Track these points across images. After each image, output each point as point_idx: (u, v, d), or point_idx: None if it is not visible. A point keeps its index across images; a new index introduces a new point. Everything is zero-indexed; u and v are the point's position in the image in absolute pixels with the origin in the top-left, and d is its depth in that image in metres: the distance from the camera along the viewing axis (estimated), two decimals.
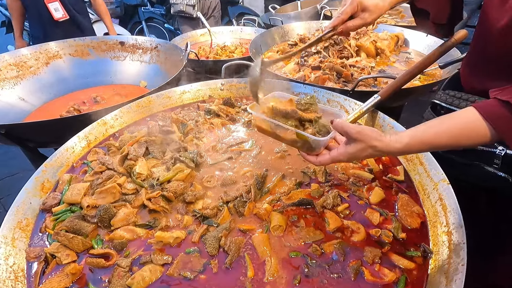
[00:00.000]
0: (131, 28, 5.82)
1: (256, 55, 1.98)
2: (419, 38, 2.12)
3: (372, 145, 0.70)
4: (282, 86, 1.39)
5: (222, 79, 1.52)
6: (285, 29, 2.34)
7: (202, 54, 2.48)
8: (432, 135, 0.67)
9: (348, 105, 1.32)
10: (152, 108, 1.40)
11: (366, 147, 0.70)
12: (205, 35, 2.88)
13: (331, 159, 0.76)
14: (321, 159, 0.78)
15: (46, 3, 2.32)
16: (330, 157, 0.76)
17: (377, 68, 1.85)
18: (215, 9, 3.66)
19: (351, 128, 0.71)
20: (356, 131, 0.70)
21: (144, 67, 2.17)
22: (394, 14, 2.95)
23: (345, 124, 0.73)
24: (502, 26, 0.75)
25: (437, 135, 0.66)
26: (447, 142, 0.66)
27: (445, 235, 0.76)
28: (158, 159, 1.07)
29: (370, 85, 1.64)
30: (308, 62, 1.75)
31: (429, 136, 0.67)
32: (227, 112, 1.35)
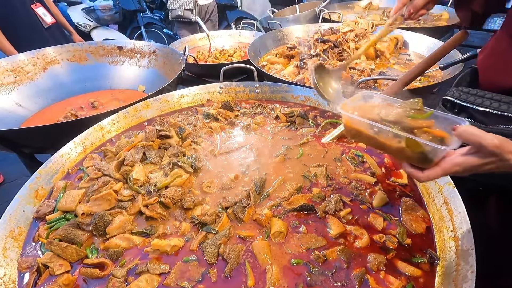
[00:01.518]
0: (130, 33, 5.84)
1: (254, 58, 1.97)
2: (419, 40, 2.11)
3: (507, 158, 0.59)
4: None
5: (220, 83, 1.50)
6: (284, 32, 2.33)
7: (200, 58, 2.47)
8: None
9: None
10: (150, 113, 1.38)
11: (497, 160, 0.59)
12: (204, 39, 2.87)
13: (443, 172, 0.63)
14: (429, 173, 0.64)
15: (34, 9, 2.34)
16: (442, 169, 0.63)
17: (377, 70, 1.84)
18: (212, 13, 3.67)
19: (489, 140, 0.58)
20: (495, 145, 0.58)
21: (142, 71, 2.16)
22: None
23: (480, 133, 0.59)
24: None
25: None
26: None
27: (452, 240, 0.73)
28: (156, 165, 1.05)
29: (370, 87, 1.62)
30: (308, 64, 1.73)
31: None
32: (226, 116, 1.33)
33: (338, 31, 2.12)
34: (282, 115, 1.33)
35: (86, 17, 4.85)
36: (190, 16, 3.30)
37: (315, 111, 1.38)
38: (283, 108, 1.39)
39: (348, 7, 3.33)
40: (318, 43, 1.94)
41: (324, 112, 1.37)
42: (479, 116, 0.90)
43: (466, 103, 0.91)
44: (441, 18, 2.74)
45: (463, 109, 0.95)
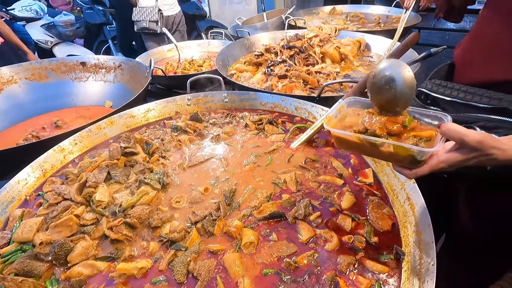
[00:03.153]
0: (97, 47, 5.67)
1: (223, 68, 1.97)
2: (380, 42, 2.21)
3: (488, 153, 0.62)
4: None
5: (188, 94, 1.49)
6: (251, 40, 2.35)
7: (169, 70, 2.44)
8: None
9: (316, 112, 1.33)
10: (115, 129, 1.33)
11: (480, 155, 0.62)
12: (172, 50, 2.85)
13: (430, 168, 0.67)
14: (417, 171, 0.68)
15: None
16: (429, 166, 0.66)
17: (342, 73, 1.90)
18: (179, 23, 3.64)
19: (471, 136, 0.61)
20: (477, 140, 0.60)
21: (108, 86, 2.09)
22: (356, 21, 3.07)
23: (462, 130, 0.62)
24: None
25: None
26: None
27: (415, 234, 0.76)
28: (121, 184, 1.01)
29: (336, 90, 1.67)
30: (275, 71, 1.76)
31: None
32: (194, 128, 1.32)
33: (303, 37, 2.17)
34: (251, 123, 1.34)
35: (47, 34, 4.66)
36: (156, 27, 3.27)
37: (283, 117, 1.39)
38: (252, 116, 1.39)
39: (313, 13, 3.44)
40: (285, 50, 1.98)
41: (293, 117, 1.40)
42: (446, 106, 0.97)
43: (437, 94, 0.97)
44: (399, 21, 2.88)
45: (435, 100, 1.01)
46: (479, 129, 0.97)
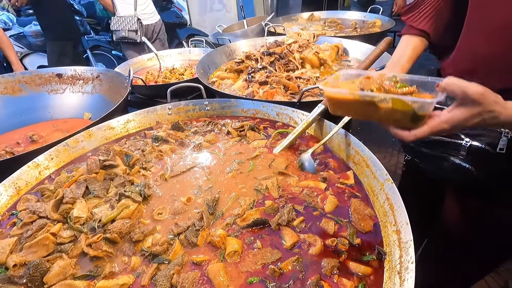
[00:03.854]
0: None
1: (204, 76, 1.97)
2: (357, 46, 2.27)
3: (491, 109, 0.58)
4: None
5: (169, 104, 1.47)
6: (232, 47, 2.37)
7: (150, 79, 2.41)
8: None
9: (296, 117, 1.35)
10: (94, 142, 1.30)
11: (482, 112, 0.59)
12: (153, 59, 2.82)
13: (430, 130, 0.63)
14: (416, 132, 0.64)
15: None
16: (429, 128, 0.63)
17: (322, 78, 1.93)
18: (159, 32, 3.62)
19: (473, 88, 0.58)
20: (479, 92, 0.57)
21: (86, 98, 2.04)
22: (333, 26, 3.15)
23: (463, 83, 0.59)
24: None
25: None
26: None
27: (395, 234, 0.78)
28: (101, 198, 0.98)
29: (316, 94, 1.70)
30: (256, 78, 1.77)
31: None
32: (176, 137, 1.30)
33: (283, 43, 2.21)
34: (233, 130, 1.34)
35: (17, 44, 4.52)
36: (135, 37, 3.23)
37: (265, 123, 1.40)
38: (234, 123, 1.39)
39: (292, 20, 3.50)
40: (265, 56, 2.00)
41: (275, 123, 1.41)
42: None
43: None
44: (375, 25, 2.99)
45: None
46: (464, 136, 1.01)
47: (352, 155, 1.10)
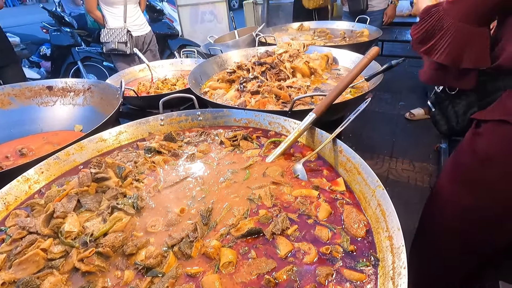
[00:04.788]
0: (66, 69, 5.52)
1: (196, 86, 1.98)
2: (346, 55, 2.33)
3: None
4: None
5: (161, 115, 1.47)
6: (223, 58, 2.40)
7: (142, 90, 2.42)
8: None
9: (288, 125, 1.37)
10: (85, 155, 1.29)
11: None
12: (145, 70, 2.83)
13: None
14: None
15: None
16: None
17: (312, 86, 1.97)
18: (150, 43, 3.64)
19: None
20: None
21: (77, 110, 2.03)
22: (323, 36, 3.22)
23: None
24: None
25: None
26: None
27: (387, 239, 0.79)
28: (93, 211, 0.97)
29: (307, 103, 1.72)
30: (247, 87, 1.80)
31: None
32: (168, 148, 1.30)
33: (274, 53, 2.24)
34: (226, 139, 1.34)
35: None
36: (125, 48, 3.25)
37: (258, 132, 1.42)
38: (227, 133, 1.40)
39: (282, 30, 3.57)
40: (256, 66, 2.03)
41: (267, 132, 1.42)
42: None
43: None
44: (363, 35, 3.07)
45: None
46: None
47: (343, 162, 1.12)
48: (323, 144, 1.16)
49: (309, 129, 1.28)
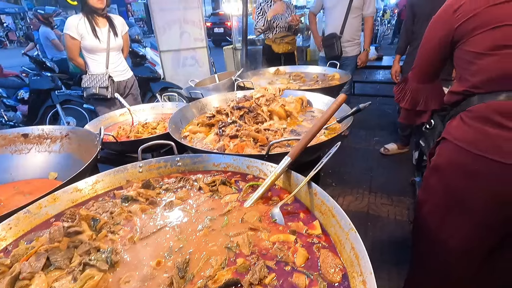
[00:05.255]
0: (44, 113, 5.45)
1: (176, 131, 2.03)
2: (319, 98, 2.49)
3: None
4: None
5: (140, 161, 1.48)
6: (203, 102, 2.49)
7: (122, 134, 2.43)
8: None
9: (266, 169, 1.41)
10: (59, 206, 1.25)
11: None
12: (125, 114, 2.87)
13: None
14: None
15: None
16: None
17: (289, 128, 2.07)
18: (132, 87, 3.73)
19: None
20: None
21: (53, 157, 2.00)
22: (297, 79, 3.45)
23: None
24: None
25: None
26: None
27: (361, 284, 0.80)
28: (63, 269, 0.93)
29: (284, 145, 1.80)
30: (226, 131, 1.86)
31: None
32: (146, 196, 1.30)
33: (251, 98, 2.37)
34: (205, 185, 1.36)
35: None
36: (106, 93, 3.30)
37: (236, 176, 1.45)
38: (206, 178, 1.42)
39: (260, 74, 3.79)
40: (235, 110, 2.13)
41: (245, 176, 1.46)
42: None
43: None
44: (334, 78, 3.32)
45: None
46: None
47: (318, 205, 1.15)
48: (298, 188, 1.20)
49: (285, 172, 1.33)
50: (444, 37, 1.36)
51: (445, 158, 1.41)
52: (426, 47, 1.50)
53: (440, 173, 1.45)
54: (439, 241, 1.53)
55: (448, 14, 1.30)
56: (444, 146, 1.42)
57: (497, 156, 1.19)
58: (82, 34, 3.27)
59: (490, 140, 1.22)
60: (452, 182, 1.39)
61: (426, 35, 1.47)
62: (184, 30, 5.61)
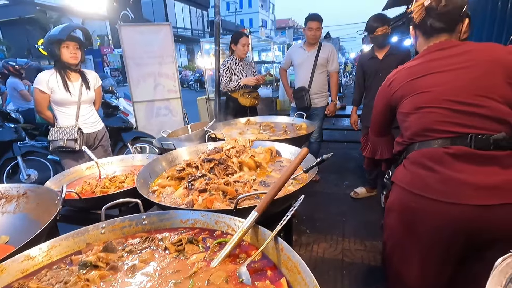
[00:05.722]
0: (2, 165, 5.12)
1: (144, 186, 2.00)
2: (286, 148, 2.61)
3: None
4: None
5: (102, 222, 1.43)
6: (174, 154, 2.51)
7: (87, 189, 2.34)
8: None
9: (234, 224, 1.42)
10: (6, 278, 1.14)
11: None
12: (92, 167, 2.79)
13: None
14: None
15: None
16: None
17: (258, 179, 2.12)
18: (102, 138, 3.68)
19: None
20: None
21: (6, 218, 1.85)
22: (267, 129, 3.62)
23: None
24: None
25: None
26: None
27: None
28: None
29: (254, 197, 1.83)
30: (195, 185, 1.87)
31: None
32: (107, 260, 1.23)
33: (222, 149, 2.44)
34: (171, 245, 1.32)
35: None
36: (74, 145, 3.23)
37: (204, 233, 1.43)
38: (172, 236, 1.39)
39: (232, 124, 3.94)
40: (205, 163, 2.16)
41: (213, 232, 1.44)
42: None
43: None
44: (301, 128, 3.52)
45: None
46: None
47: (285, 261, 1.16)
48: (264, 244, 1.21)
49: (253, 227, 1.34)
50: (385, 104, 1.75)
51: (395, 198, 1.64)
52: (375, 111, 1.87)
53: (392, 213, 1.65)
54: (405, 278, 1.66)
55: (385, 87, 1.71)
56: (394, 189, 1.66)
57: (429, 193, 1.44)
58: (52, 88, 3.26)
59: (422, 181, 1.47)
60: (403, 219, 1.58)
61: (375, 102, 1.83)
62: (158, 82, 5.81)
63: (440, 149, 1.42)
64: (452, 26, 1.50)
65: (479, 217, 1.34)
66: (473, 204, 1.33)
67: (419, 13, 1.51)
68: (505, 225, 1.32)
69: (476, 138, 1.33)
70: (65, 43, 3.22)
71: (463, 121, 1.37)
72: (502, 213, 1.31)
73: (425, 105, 1.48)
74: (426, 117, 1.47)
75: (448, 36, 1.52)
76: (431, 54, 1.52)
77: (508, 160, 1.32)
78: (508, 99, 1.32)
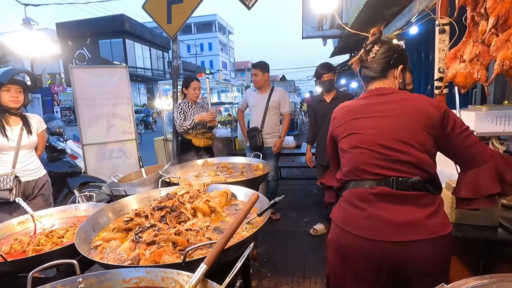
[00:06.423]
0: None
1: (85, 241, 1.83)
2: (242, 191, 2.62)
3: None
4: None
5: None
6: (122, 203, 2.37)
7: (17, 249, 2.06)
8: None
9: (182, 279, 1.34)
10: None
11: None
12: (27, 221, 2.50)
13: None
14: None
15: None
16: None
17: (212, 225, 2.07)
18: (43, 187, 3.36)
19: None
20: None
21: None
22: (224, 171, 3.62)
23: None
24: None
25: None
26: None
27: None
28: None
29: (206, 247, 1.76)
30: (143, 237, 1.76)
31: None
32: None
33: (175, 195, 2.36)
34: None
35: None
36: (8, 196, 2.90)
37: None
38: None
39: (189, 166, 3.88)
40: (156, 211, 2.07)
41: None
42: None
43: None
44: (258, 168, 3.59)
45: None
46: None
47: None
48: None
49: (202, 281, 1.28)
50: (330, 137, 1.89)
51: (331, 235, 1.73)
52: (327, 142, 1.99)
53: (329, 248, 1.75)
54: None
55: (331, 120, 1.85)
56: (331, 225, 1.76)
57: (355, 231, 1.55)
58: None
59: (352, 219, 1.59)
60: (339, 254, 1.67)
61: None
62: (112, 123, 5.60)
63: (366, 189, 1.55)
64: (383, 73, 1.65)
65: (396, 252, 1.45)
66: (391, 241, 1.45)
67: (356, 64, 1.75)
68: (419, 260, 1.43)
69: (397, 181, 1.48)
70: (6, 87, 3.03)
71: (388, 164, 1.50)
72: (415, 249, 1.43)
73: (358, 145, 1.60)
74: (359, 157, 1.60)
75: (382, 83, 1.66)
76: (372, 97, 1.66)
77: (423, 199, 1.47)
78: (426, 147, 1.48)
